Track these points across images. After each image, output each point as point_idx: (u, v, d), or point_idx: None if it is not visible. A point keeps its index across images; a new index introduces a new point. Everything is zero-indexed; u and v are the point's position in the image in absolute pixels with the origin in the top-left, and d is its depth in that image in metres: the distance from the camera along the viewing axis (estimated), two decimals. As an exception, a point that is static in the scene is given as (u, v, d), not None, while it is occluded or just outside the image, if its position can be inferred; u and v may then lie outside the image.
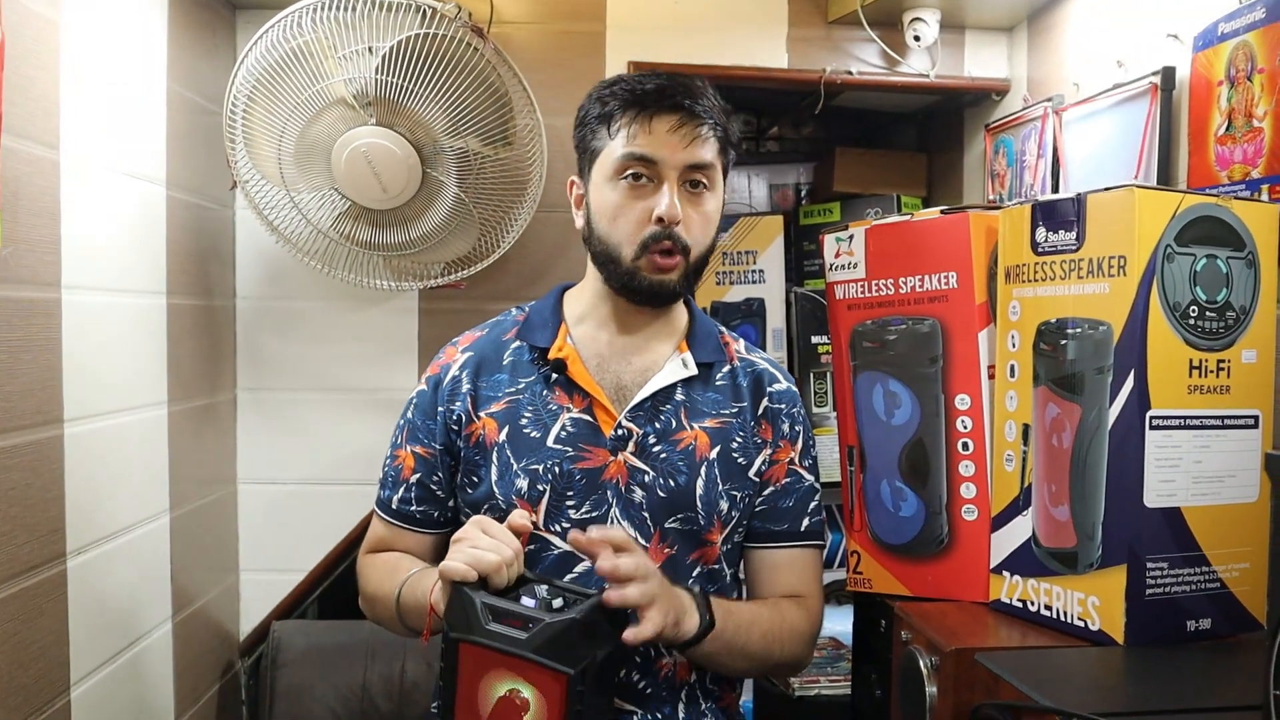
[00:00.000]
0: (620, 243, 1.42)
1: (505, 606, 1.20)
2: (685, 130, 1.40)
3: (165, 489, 1.92)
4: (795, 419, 1.54)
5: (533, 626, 1.18)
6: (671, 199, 1.40)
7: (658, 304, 1.48)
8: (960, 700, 1.21)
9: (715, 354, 1.52)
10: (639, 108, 1.40)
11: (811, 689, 2.19)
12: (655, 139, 1.39)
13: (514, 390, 1.47)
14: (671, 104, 1.40)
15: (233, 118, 1.90)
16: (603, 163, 1.44)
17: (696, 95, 1.42)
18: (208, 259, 2.12)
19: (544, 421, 1.44)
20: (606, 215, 1.43)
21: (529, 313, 1.55)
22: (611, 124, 1.42)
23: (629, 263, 1.42)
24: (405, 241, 2.00)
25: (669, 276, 1.43)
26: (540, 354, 1.48)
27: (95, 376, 1.65)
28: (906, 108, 2.68)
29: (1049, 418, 1.29)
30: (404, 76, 1.84)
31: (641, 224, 1.41)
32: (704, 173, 1.43)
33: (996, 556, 1.38)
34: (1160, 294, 1.19)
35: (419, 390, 1.53)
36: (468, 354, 1.52)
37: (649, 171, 1.40)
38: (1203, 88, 1.55)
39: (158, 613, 1.91)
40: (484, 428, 1.46)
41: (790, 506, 1.52)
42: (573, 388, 1.46)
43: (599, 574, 1.24)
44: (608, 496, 1.42)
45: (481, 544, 1.24)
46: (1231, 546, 1.25)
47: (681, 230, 1.41)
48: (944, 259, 1.41)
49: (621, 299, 1.48)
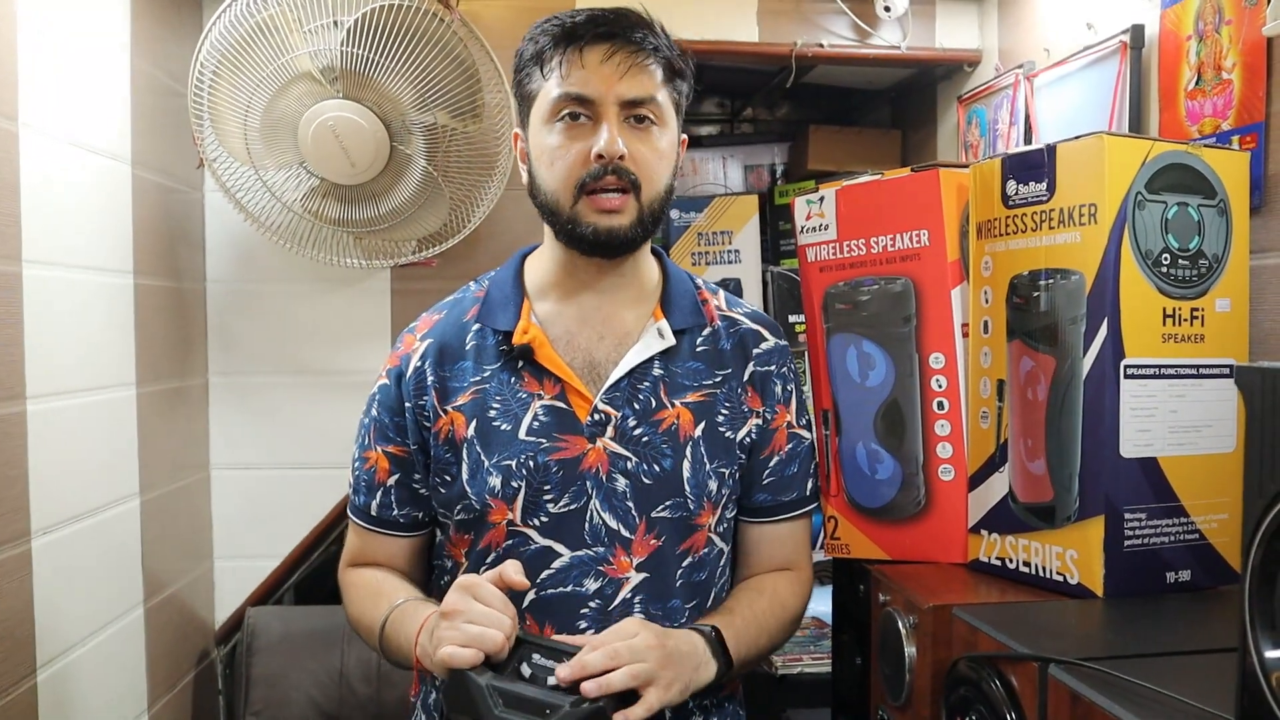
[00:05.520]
0: (558, 189, 1.29)
1: (516, 691, 1.11)
2: (619, 59, 1.27)
3: (135, 472, 1.90)
4: (786, 378, 1.44)
5: (550, 715, 1.09)
6: (612, 134, 1.26)
7: (609, 253, 1.33)
8: (939, 658, 1.20)
9: (693, 317, 1.40)
10: (569, 41, 1.28)
11: (794, 667, 2.18)
12: (588, 73, 1.27)
13: (479, 380, 1.35)
14: (603, 33, 1.28)
15: (198, 94, 1.88)
16: (539, 106, 1.31)
17: (632, 23, 1.29)
18: (176, 240, 2.09)
19: (514, 412, 1.33)
20: (544, 161, 1.30)
21: (488, 288, 1.42)
22: (544, 63, 1.30)
23: (569, 209, 1.29)
24: (374, 217, 1.98)
25: (617, 220, 1.29)
26: (504, 337, 1.35)
27: (59, 354, 1.62)
28: (879, 84, 2.67)
29: (1023, 371, 1.28)
30: (370, 49, 1.82)
31: (580, 164, 1.28)
32: (648, 107, 1.29)
33: (974, 516, 1.37)
34: (1132, 241, 1.19)
35: (380, 385, 1.40)
36: (427, 341, 1.38)
37: (585, 110, 1.28)
38: (1171, 43, 1.54)
39: (129, 598, 1.88)
40: (452, 423, 1.34)
41: (796, 473, 1.44)
42: (542, 372, 1.34)
43: (560, 683, 1.12)
44: (587, 488, 1.31)
45: (478, 618, 1.13)
46: (1210, 497, 1.25)
47: (629, 164, 1.28)
48: (915, 217, 1.39)
49: (577, 254, 1.34)
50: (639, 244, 1.35)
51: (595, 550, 1.31)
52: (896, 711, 1.29)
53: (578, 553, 1.31)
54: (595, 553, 1.31)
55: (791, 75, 2.28)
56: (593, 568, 1.30)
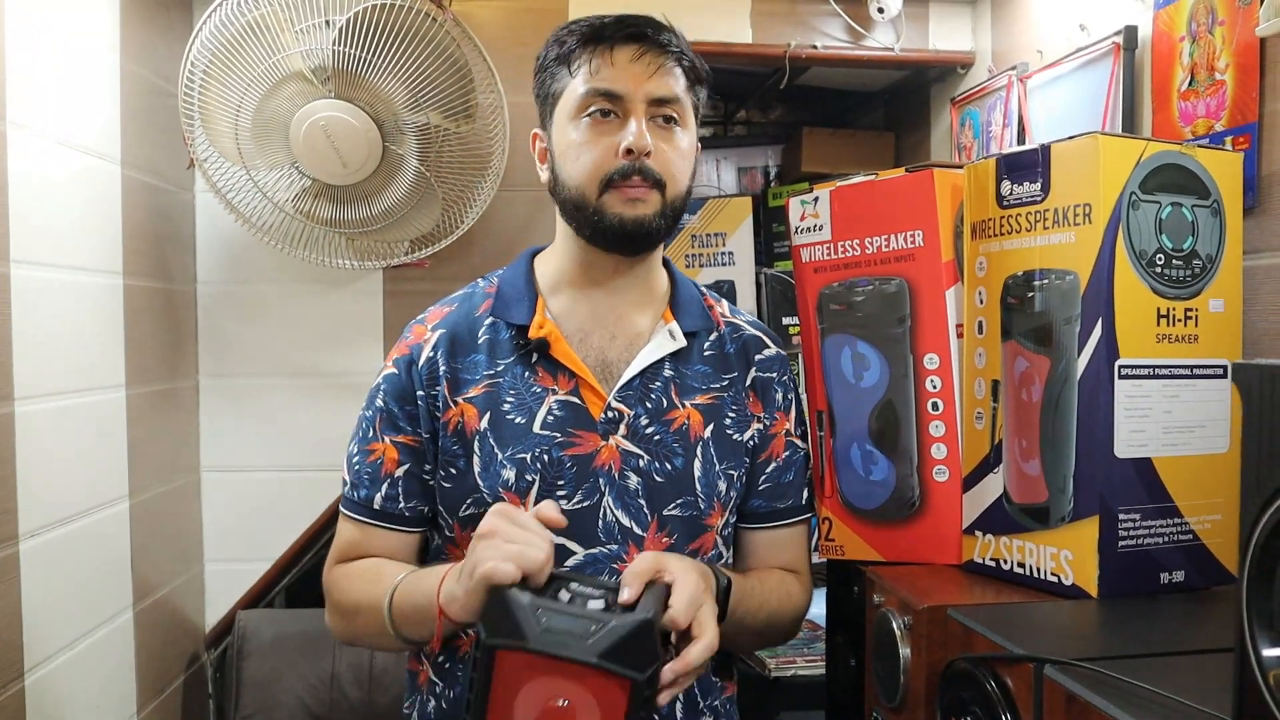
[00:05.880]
0: (583, 183, 1.30)
1: (561, 608, 1.06)
2: (648, 59, 1.30)
3: (124, 474, 1.88)
4: (786, 386, 1.47)
5: (597, 629, 1.04)
6: (640, 129, 1.29)
7: (635, 248, 1.35)
8: (934, 659, 1.19)
9: (702, 320, 1.42)
10: (598, 41, 1.31)
11: (789, 669, 2.17)
12: (618, 71, 1.30)
13: (493, 373, 1.34)
14: (632, 33, 1.31)
15: (189, 94, 1.87)
16: (564, 104, 1.33)
17: (659, 26, 1.33)
18: (167, 242, 2.08)
19: (528, 406, 1.32)
20: (570, 156, 1.32)
21: (499, 284, 1.42)
22: (571, 62, 1.32)
23: (594, 201, 1.30)
24: (367, 218, 1.97)
25: (643, 210, 1.30)
26: (518, 331, 1.35)
27: (48, 355, 1.61)
28: (873, 86, 2.67)
29: (1018, 372, 1.28)
30: (362, 48, 1.81)
31: (607, 159, 1.29)
32: (673, 107, 1.32)
33: (969, 516, 1.37)
34: (1126, 241, 1.18)
35: (386, 374, 1.38)
36: (439, 332, 1.37)
37: (614, 106, 1.30)
38: (1165, 44, 1.54)
39: (118, 601, 1.87)
40: (462, 414, 1.33)
41: (793, 480, 1.46)
42: (557, 367, 1.34)
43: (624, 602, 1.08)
44: (600, 485, 1.31)
45: (518, 539, 1.09)
46: (1204, 498, 1.24)
47: (653, 163, 1.30)
48: (909, 218, 1.39)
49: (596, 251, 1.36)
50: (662, 237, 1.36)
51: (609, 548, 1.31)
52: (891, 713, 1.28)
53: (591, 550, 1.30)
54: (609, 550, 1.31)
55: (785, 77, 2.27)
56: (606, 565, 1.30)
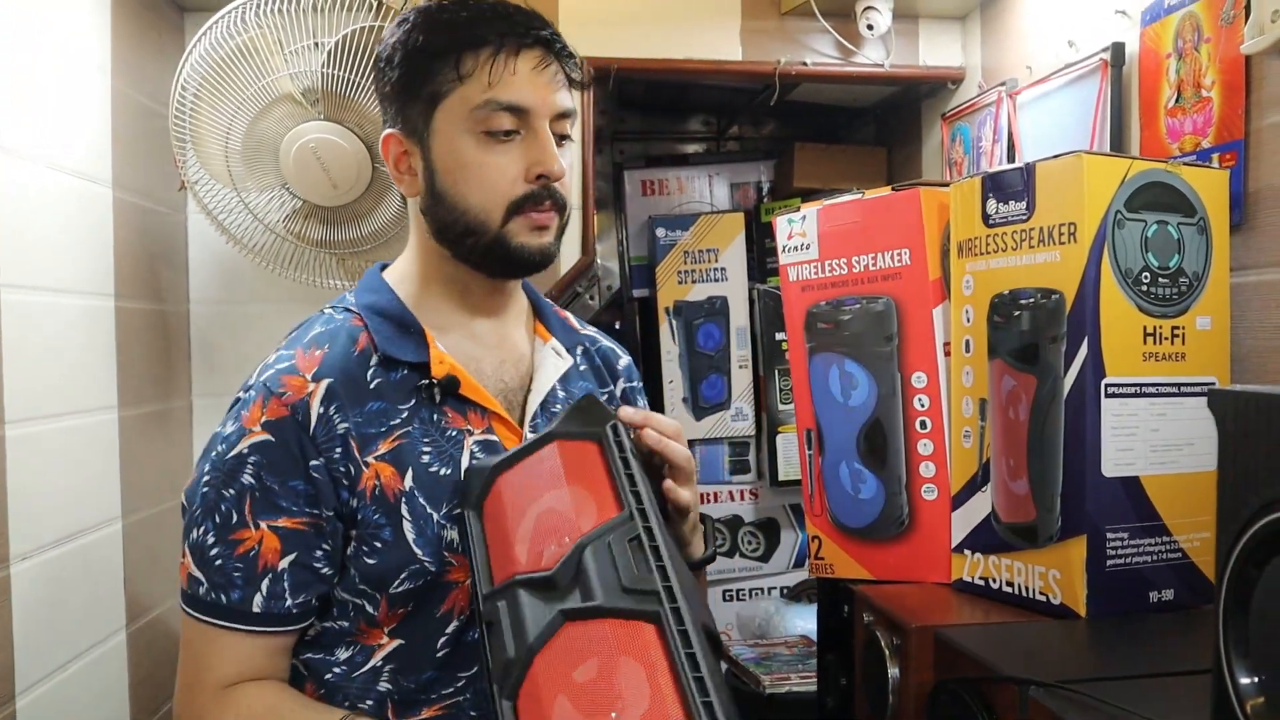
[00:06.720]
0: (485, 207, 1.18)
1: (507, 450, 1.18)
2: (551, 70, 1.18)
3: (117, 495, 1.88)
4: (641, 393, 1.47)
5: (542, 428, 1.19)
6: (553, 150, 1.18)
7: (527, 273, 1.26)
8: (923, 679, 1.19)
9: (569, 334, 1.38)
10: (498, 43, 1.16)
11: (782, 686, 2.16)
12: (521, 81, 1.16)
13: (398, 421, 1.18)
14: (535, 38, 1.18)
15: (180, 116, 1.87)
16: (452, 112, 1.18)
17: (548, 26, 1.20)
18: (158, 263, 2.08)
19: (449, 454, 1.19)
20: (466, 176, 1.18)
21: (364, 315, 1.24)
22: (460, 63, 1.16)
23: (496, 228, 1.19)
24: (357, 238, 1.98)
25: (547, 240, 1.21)
26: (412, 369, 1.20)
27: (39, 377, 1.60)
28: (864, 101, 2.67)
29: (1005, 391, 1.28)
30: (351, 70, 1.82)
31: (516, 182, 1.18)
32: (570, 121, 1.22)
33: (957, 535, 1.37)
34: (1112, 260, 1.19)
35: (253, 442, 1.14)
36: (323, 381, 1.17)
37: (518, 122, 1.18)
38: (1152, 61, 1.55)
39: (111, 622, 1.87)
40: (378, 476, 1.15)
41: None
42: (466, 405, 1.22)
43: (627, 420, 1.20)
44: None
45: None
46: (1192, 515, 1.24)
47: (559, 186, 1.20)
48: (896, 236, 1.39)
49: (473, 274, 1.25)
50: None
51: None
52: (881, 734, 1.28)
53: None
54: None
55: (775, 93, 2.28)
56: None
